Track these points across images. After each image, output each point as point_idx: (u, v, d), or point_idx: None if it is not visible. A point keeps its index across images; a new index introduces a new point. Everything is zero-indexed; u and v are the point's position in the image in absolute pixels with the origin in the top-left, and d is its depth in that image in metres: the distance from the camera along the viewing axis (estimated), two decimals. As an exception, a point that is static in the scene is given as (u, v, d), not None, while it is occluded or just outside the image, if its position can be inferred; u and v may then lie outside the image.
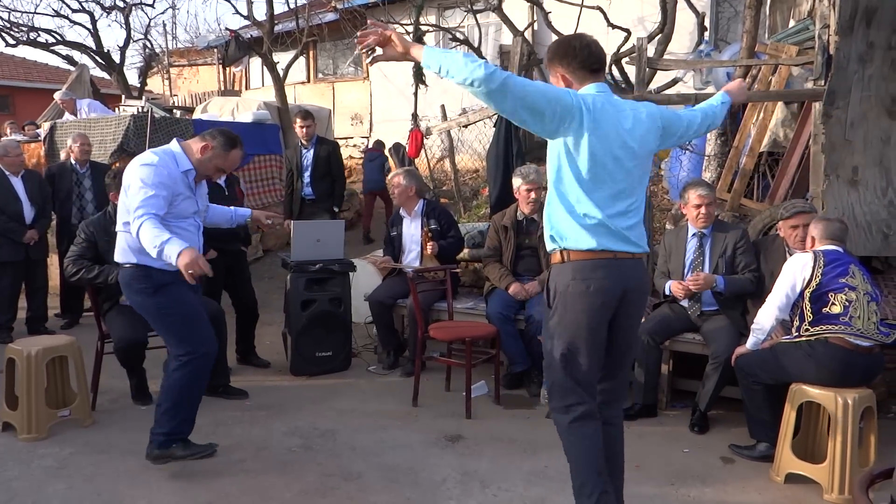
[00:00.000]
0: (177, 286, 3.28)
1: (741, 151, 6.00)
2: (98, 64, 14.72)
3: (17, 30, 14.72)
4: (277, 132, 9.38)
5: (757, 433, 3.59)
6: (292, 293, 4.90)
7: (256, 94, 14.72)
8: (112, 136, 7.34)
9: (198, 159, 3.37)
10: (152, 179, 3.16)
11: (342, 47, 14.49)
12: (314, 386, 4.71)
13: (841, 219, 3.63)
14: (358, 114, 14.11)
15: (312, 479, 3.34)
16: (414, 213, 5.24)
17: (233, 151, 3.48)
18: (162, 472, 3.37)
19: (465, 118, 7.89)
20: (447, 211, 5.40)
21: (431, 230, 5.09)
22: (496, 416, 4.18)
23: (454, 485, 3.28)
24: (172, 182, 3.24)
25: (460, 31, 10.85)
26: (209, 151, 3.39)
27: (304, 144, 6.30)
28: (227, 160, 3.47)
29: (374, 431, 3.92)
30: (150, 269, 3.27)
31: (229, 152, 3.46)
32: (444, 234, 5.14)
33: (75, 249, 4.17)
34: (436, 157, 10.05)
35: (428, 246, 5.02)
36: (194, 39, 18.28)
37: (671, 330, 4.14)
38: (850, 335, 3.24)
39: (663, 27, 8.05)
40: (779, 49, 5.83)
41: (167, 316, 3.31)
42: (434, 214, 5.19)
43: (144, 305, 3.33)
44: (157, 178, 3.17)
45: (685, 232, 4.22)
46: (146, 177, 3.16)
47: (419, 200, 5.25)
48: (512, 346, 4.52)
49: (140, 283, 3.30)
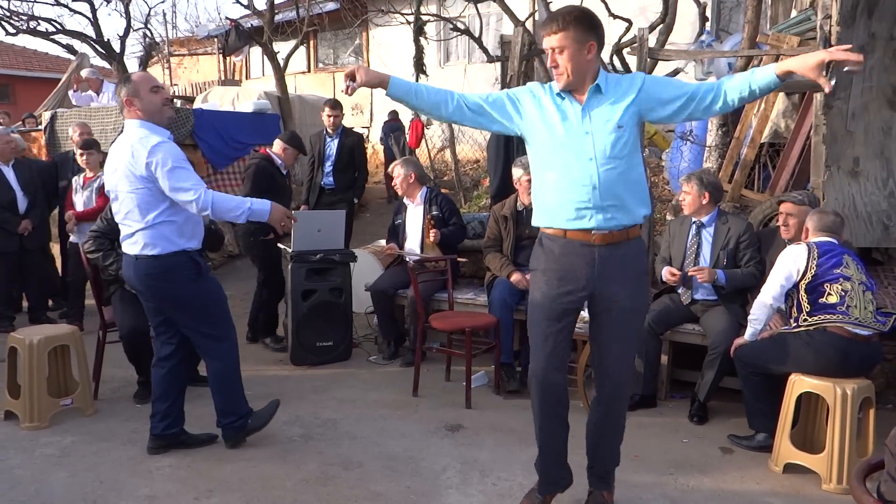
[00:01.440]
0: (208, 270, 3.41)
1: (742, 142, 5.99)
2: (98, 53, 14.65)
3: (17, 18, 14.63)
4: (278, 122, 9.36)
5: (756, 423, 3.61)
6: (293, 283, 4.91)
7: (257, 83, 14.69)
8: (112, 125, 7.33)
9: (149, 112, 3.23)
10: (177, 155, 3.16)
11: (343, 37, 14.44)
12: (315, 376, 4.73)
13: (836, 211, 3.64)
14: (358, 104, 14.07)
15: (313, 467, 3.36)
16: (417, 200, 5.24)
17: (136, 76, 3.31)
18: (163, 460, 3.39)
19: (466, 108, 7.88)
20: (449, 199, 5.38)
21: (434, 217, 5.09)
22: (496, 406, 4.20)
23: (454, 474, 3.30)
24: (182, 154, 3.24)
25: (461, 21, 10.79)
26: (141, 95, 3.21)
27: (330, 133, 6.27)
28: (158, 90, 3.27)
29: (375, 421, 3.94)
30: (192, 254, 3.30)
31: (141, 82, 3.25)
32: (446, 221, 5.14)
33: (100, 225, 4.10)
34: (436, 148, 10.05)
35: (430, 233, 5.01)
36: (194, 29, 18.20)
37: (671, 320, 4.15)
38: (849, 324, 3.26)
39: (665, 17, 8.00)
40: (780, 40, 5.81)
41: (213, 301, 3.40)
42: (436, 202, 5.19)
43: (187, 293, 3.30)
44: (177, 153, 3.18)
45: (688, 220, 4.23)
46: (173, 155, 3.14)
47: (422, 188, 5.24)
48: (504, 337, 4.54)
49: (185, 271, 3.27)
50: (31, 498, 3.06)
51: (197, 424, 3.69)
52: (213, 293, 3.42)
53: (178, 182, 3.11)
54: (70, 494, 3.09)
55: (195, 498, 3.07)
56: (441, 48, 12.58)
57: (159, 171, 3.09)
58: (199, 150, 7.82)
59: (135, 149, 3.14)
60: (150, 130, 3.20)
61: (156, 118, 3.24)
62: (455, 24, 10.42)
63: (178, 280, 3.26)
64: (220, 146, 8.11)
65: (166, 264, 3.24)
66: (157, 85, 3.28)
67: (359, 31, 13.67)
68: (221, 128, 8.21)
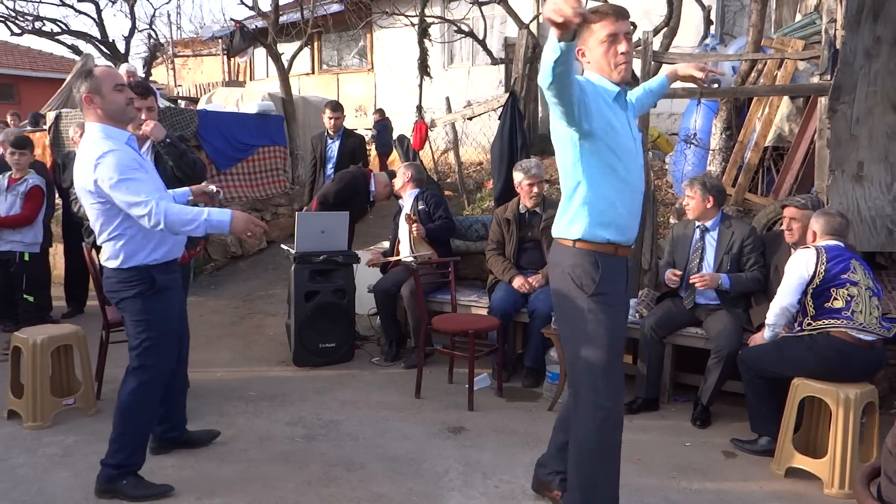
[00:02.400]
0: (172, 293, 3.12)
1: (746, 146, 5.98)
2: (103, 53, 14.70)
3: (23, 19, 14.69)
4: (282, 123, 9.38)
5: (758, 427, 3.60)
6: (296, 284, 4.91)
7: (261, 84, 14.72)
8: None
9: (110, 112, 2.92)
10: (123, 164, 2.81)
11: (347, 38, 14.47)
12: (317, 377, 4.73)
13: (842, 213, 3.63)
14: (362, 105, 14.09)
15: (315, 469, 3.36)
16: (405, 197, 5.30)
17: (99, 70, 2.98)
18: (166, 461, 3.39)
19: (470, 110, 7.89)
20: (436, 193, 5.41)
21: (418, 212, 5.12)
22: (498, 409, 4.20)
23: (456, 476, 3.30)
24: (134, 160, 2.90)
25: (465, 23, 10.81)
26: (102, 93, 2.89)
27: (331, 135, 6.29)
28: (122, 88, 2.96)
29: (377, 422, 3.94)
30: (151, 270, 3.02)
31: (104, 78, 2.94)
32: (431, 215, 5.15)
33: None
34: (440, 150, 10.04)
35: (413, 228, 5.03)
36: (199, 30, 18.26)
37: (673, 324, 4.15)
38: (853, 329, 3.25)
39: (669, 20, 8.02)
40: (785, 43, 5.81)
41: (151, 325, 3.03)
42: (423, 197, 5.23)
43: (131, 307, 3.02)
44: (123, 163, 2.82)
45: (692, 224, 4.22)
46: (118, 166, 2.79)
47: (415, 188, 5.28)
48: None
49: (137, 285, 2.99)
50: (34, 497, 3.07)
51: (199, 423, 3.69)
52: (157, 318, 3.04)
53: (125, 196, 2.79)
54: (72, 494, 3.09)
55: (197, 498, 3.07)
56: (445, 50, 12.60)
57: (106, 187, 2.79)
58: (203, 151, 7.84)
59: (84, 161, 2.87)
60: (103, 135, 2.89)
61: (118, 119, 2.95)
62: (459, 27, 10.44)
63: (127, 292, 3.01)
64: (225, 147, 8.12)
65: (121, 276, 3.00)
66: (122, 83, 2.99)
67: (363, 33, 13.70)
68: (225, 129, 8.22)
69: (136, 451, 3.06)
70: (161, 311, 3.06)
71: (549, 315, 4.27)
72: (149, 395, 3.07)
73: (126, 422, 3.04)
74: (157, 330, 3.04)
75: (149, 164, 3.17)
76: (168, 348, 3.12)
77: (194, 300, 6.81)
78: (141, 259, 2.97)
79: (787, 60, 5.71)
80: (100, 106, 2.89)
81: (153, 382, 3.07)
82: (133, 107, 3.04)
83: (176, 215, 2.79)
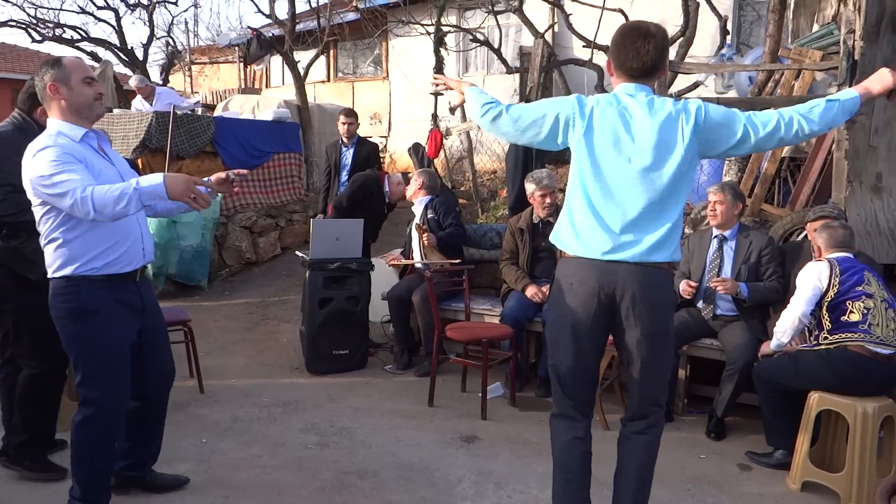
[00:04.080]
0: (110, 316, 2.64)
1: (762, 156, 5.95)
2: (122, 60, 14.90)
3: (44, 26, 14.92)
4: (297, 130, 9.44)
5: (774, 440, 3.57)
6: (310, 291, 4.93)
7: (277, 92, 14.80)
8: (135, 132, 7.42)
9: (75, 106, 2.63)
10: (56, 157, 2.47)
11: (362, 47, 14.53)
12: (331, 384, 4.74)
13: (845, 224, 3.60)
14: (377, 113, 14.14)
15: (328, 476, 3.36)
16: (416, 205, 5.34)
17: (68, 60, 2.69)
18: (179, 466, 3.40)
19: (485, 119, 7.89)
20: (445, 200, 5.42)
21: (428, 220, 5.14)
22: (511, 418, 4.19)
23: (469, 485, 3.29)
24: (71, 154, 2.53)
25: (481, 32, 10.83)
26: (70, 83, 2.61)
27: (345, 143, 6.31)
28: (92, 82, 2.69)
29: (390, 430, 3.94)
30: (82, 286, 2.59)
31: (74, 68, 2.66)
32: (441, 223, 5.16)
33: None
34: (455, 158, 10.06)
35: (424, 237, 5.03)
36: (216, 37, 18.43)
37: (689, 335, 4.12)
38: (870, 343, 3.21)
39: (685, 30, 8.00)
40: (802, 54, 5.77)
41: (87, 354, 2.64)
42: (432, 205, 5.24)
43: (63, 329, 2.65)
44: (55, 157, 2.47)
45: (709, 234, 4.20)
46: (49, 159, 2.46)
47: (426, 196, 5.31)
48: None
49: (67, 302, 2.60)
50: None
51: (214, 430, 3.69)
52: (88, 344, 2.62)
53: (53, 190, 2.44)
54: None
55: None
56: (460, 59, 12.63)
57: (39, 186, 2.48)
58: (219, 157, 7.91)
59: (25, 157, 2.56)
60: (55, 130, 2.58)
61: (83, 114, 2.63)
62: (475, 35, 10.46)
63: (57, 308, 2.63)
64: (240, 154, 8.18)
65: (55, 287, 2.63)
66: (92, 76, 2.70)
67: (378, 42, 13.76)
68: (241, 136, 8.29)
69: (96, 490, 2.73)
70: (91, 336, 2.61)
71: (563, 325, 4.25)
72: (94, 433, 2.67)
73: (76, 459, 2.70)
74: (91, 358, 2.64)
75: (112, 160, 2.75)
76: (111, 380, 2.66)
77: (210, 305, 6.87)
78: (76, 269, 2.57)
79: (804, 71, 5.68)
80: (65, 97, 2.60)
81: (98, 418, 2.66)
82: (101, 103, 2.72)
83: (102, 195, 2.37)
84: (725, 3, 9.63)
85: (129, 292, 2.71)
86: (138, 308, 2.75)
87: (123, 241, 2.64)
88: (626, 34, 2.44)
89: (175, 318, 4.51)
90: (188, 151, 7.57)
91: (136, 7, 15.16)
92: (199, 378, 4.52)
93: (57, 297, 2.61)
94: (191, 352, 4.53)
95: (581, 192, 2.47)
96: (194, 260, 7.10)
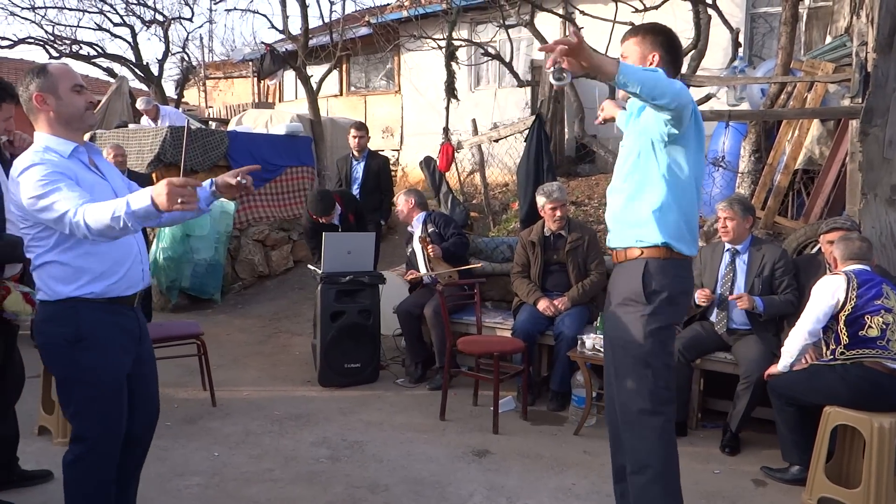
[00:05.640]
0: (111, 342, 2.40)
1: (775, 169, 5.93)
2: (137, 76, 15.07)
3: (61, 43, 15.14)
4: (310, 144, 9.50)
5: (790, 455, 3.53)
6: (322, 304, 4.94)
7: (290, 106, 14.91)
8: (149, 146, 7.50)
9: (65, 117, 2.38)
10: (45, 175, 2.22)
11: (375, 61, 14.63)
12: (342, 397, 4.74)
13: (863, 236, 3.57)
14: (389, 127, 14.21)
15: (339, 490, 3.35)
16: (414, 223, 5.35)
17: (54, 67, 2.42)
18: (192, 479, 3.41)
19: (496, 132, 7.92)
20: (443, 214, 5.49)
21: (429, 234, 5.15)
22: (524, 432, 4.17)
23: (481, 500, 3.27)
24: (60, 171, 2.27)
25: (492, 46, 10.88)
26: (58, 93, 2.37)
27: (356, 156, 6.34)
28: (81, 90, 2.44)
29: (402, 444, 3.93)
30: (78, 309, 2.34)
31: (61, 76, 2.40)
32: (443, 235, 5.17)
33: None
34: (466, 171, 10.08)
35: (429, 249, 5.04)
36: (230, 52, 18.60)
37: (702, 348, 4.09)
38: (888, 359, 3.18)
39: (696, 43, 8.00)
40: (815, 66, 5.76)
41: (80, 383, 2.38)
42: (431, 219, 5.26)
43: (54, 359, 2.41)
44: (43, 175, 2.22)
45: (721, 247, 4.18)
46: (38, 177, 2.22)
47: (421, 212, 5.32)
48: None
49: (61, 327, 2.35)
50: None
51: (226, 443, 3.70)
52: (86, 374, 2.36)
53: (46, 214, 2.21)
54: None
55: (222, 517, 3.08)
56: (472, 72, 12.68)
57: (31, 208, 2.23)
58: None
59: (12, 176, 2.32)
60: (42, 146, 2.34)
61: (73, 126, 2.40)
62: (486, 49, 10.51)
63: (48, 335, 2.38)
64: (253, 168, 8.22)
65: (44, 313, 2.39)
66: (81, 84, 2.44)
67: (390, 56, 13.85)
68: (255, 150, 8.35)
69: None
70: (89, 365, 2.36)
71: (575, 338, 4.25)
72: (89, 472, 2.42)
73: (69, 502, 2.47)
74: (87, 389, 2.37)
75: (104, 173, 2.49)
76: (106, 414, 2.41)
77: (222, 318, 6.90)
78: (69, 291, 2.33)
79: (817, 83, 5.66)
80: (53, 108, 2.35)
81: (92, 455, 2.41)
82: (92, 112, 2.49)
83: (94, 216, 2.13)
84: (737, 16, 9.62)
85: (128, 317, 2.47)
86: (136, 336, 2.51)
87: (123, 262, 2.42)
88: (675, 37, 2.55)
89: (188, 331, 4.54)
90: (202, 165, 7.63)
91: (151, 23, 15.34)
92: (212, 391, 4.54)
93: (48, 323, 2.36)
94: (203, 365, 4.55)
95: (692, 189, 2.49)
96: (207, 273, 7.15)
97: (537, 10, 9.88)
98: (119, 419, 2.45)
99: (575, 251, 4.70)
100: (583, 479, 3.49)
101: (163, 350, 4.16)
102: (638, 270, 2.48)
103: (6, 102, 3.05)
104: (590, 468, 3.62)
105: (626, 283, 2.53)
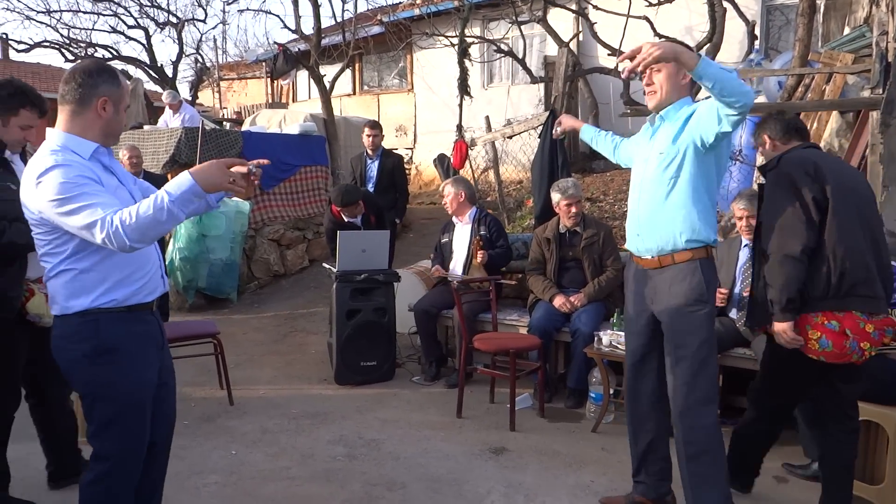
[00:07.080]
0: (135, 353, 2.28)
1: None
2: (151, 78, 15.20)
3: (76, 46, 15.30)
4: (323, 144, 9.52)
5: (811, 452, 3.48)
6: (337, 303, 4.94)
7: (303, 106, 14.96)
8: (165, 147, 7.54)
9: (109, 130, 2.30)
10: (68, 180, 2.08)
11: (387, 60, 14.64)
12: (358, 395, 4.74)
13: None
14: (402, 125, 14.22)
15: (356, 487, 3.35)
16: (465, 219, 5.23)
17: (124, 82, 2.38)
18: (209, 477, 3.42)
19: (510, 129, 7.90)
20: (498, 220, 5.34)
21: (482, 238, 5.07)
22: (540, 429, 4.14)
23: (498, 497, 3.26)
24: (85, 175, 2.13)
25: (505, 43, 10.86)
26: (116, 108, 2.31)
27: (370, 155, 6.32)
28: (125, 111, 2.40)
29: (418, 442, 3.92)
30: (100, 322, 2.21)
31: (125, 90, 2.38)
32: (493, 243, 5.11)
33: None
34: (480, 168, 10.07)
35: (478, 254, 4.98)
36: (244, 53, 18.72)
37: (721, 343, 4.02)
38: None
39: (712, 36, 7.93)
40: (833, 57, 5.68)
41: (103, 399, 2.25)
42: (485, 222, 5.18)
43: (75, 373, 2.27)
44: (68, 179, 2.09)
45: (737, 243, 4.14)
46: (62, 180, 2.08)
47: (472, 207, 5.24)
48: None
49: (81, 341, 2.21)
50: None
51: (242, 441, 3.70)
52: (110, 389, 2.24)
53: (75, 221, 2.07)
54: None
55: (240, 516, 3.09)
56: (485, 70, 12.66)
57: (51, 214, 2.10)
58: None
59: (26, 178, 2.17)
60: (59, 144, 2.19)
61: (110, 141, 2.32)
62: (499, 46, 10.49)
63: (67, 352, 2.24)
64: (268, 167, 8.12)
65: (62, 328, 2.24)
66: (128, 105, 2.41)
67: (403, 54, 13.85)
68: (269, 150, 8.37)
69: None
70: (112, 379, 2.24)
71: (591, 335, 4.22)
72: (109, 494, 2.30)
73: None
74: (110, 404, 2.25)
75: (119, 176, 2.34)
76: (130, 431, 2.29)
77: (239, 318, 6.92)
78: (88, 302, 2.20)
79: (835, 74, 5.59)
80: (107, 118, 2.26)
81: (114, 476, 2.29)
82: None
83: (135, 221, 2.03)
84: (753, 9, 9.53)
85: (150, 323, 2.36)
86: (160, 344, 2.41)
87: (143, 267, 2.31)
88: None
89: (204, 330, 4.56)
90: (217, 166, 7.65)
91: (165, 25, 15.46)
92: (229, 390, 4.55)
93: (68, 338, 2.22)
94: (220, 364, 4.56)
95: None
96: (223, 273, 7.17)
97: (550, 5, 9.84)
98: (143, 437, 2.34)
99: (590, 247, 4.67)
100: (601, 475, 3.47)
101: (180, 349, 4.19)
102: (694, 272, 2.70)
103: (26, 109, 2.83)
104: (608, 465, 3.59)
105: (685, 285, 2.71)
